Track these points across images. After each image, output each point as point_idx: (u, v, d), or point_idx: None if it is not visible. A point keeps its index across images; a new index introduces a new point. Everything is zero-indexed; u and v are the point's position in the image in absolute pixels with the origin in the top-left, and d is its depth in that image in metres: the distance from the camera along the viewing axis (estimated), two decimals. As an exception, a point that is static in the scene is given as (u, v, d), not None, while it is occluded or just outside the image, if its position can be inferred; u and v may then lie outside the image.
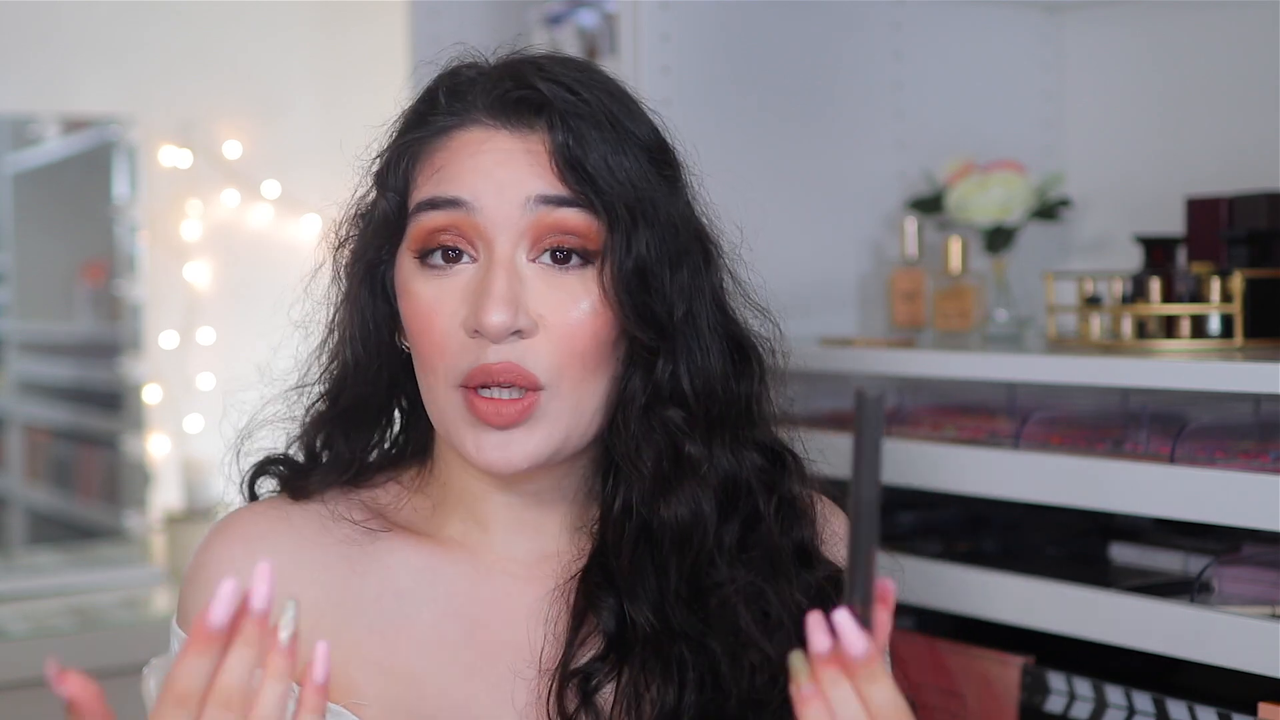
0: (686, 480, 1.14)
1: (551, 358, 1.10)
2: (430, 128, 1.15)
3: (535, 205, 1.10)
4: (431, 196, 1.12)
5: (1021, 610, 1.54)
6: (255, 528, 1.18)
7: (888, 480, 1.69)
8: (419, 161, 1.14)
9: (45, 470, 3.31)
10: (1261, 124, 1.91)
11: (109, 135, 3.11)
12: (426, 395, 1.14)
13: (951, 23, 2.12)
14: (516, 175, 1.10)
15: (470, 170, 1.11)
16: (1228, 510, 1.37)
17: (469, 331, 1.09)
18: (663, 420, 1.14)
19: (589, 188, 1.10)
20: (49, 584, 2.94)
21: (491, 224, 1.10)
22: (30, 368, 3.26)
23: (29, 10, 3.02)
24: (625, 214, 1.11)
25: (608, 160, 1.11)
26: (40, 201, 3.22)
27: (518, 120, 1.12)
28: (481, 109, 1.13)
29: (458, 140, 1.13)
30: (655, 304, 1.12)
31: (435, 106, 1.15)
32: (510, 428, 1.10)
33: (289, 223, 3.20)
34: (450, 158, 1.12)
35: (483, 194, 1.10)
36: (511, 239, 1.10)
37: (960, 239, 1.91)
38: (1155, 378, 1.46)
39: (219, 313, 3.18)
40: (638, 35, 1.89)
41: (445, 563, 1.18)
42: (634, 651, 1.13)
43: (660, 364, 1.13)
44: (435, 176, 1.12)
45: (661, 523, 1.14)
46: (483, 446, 1.10)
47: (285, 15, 3.24)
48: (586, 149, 1.10)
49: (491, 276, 1.09)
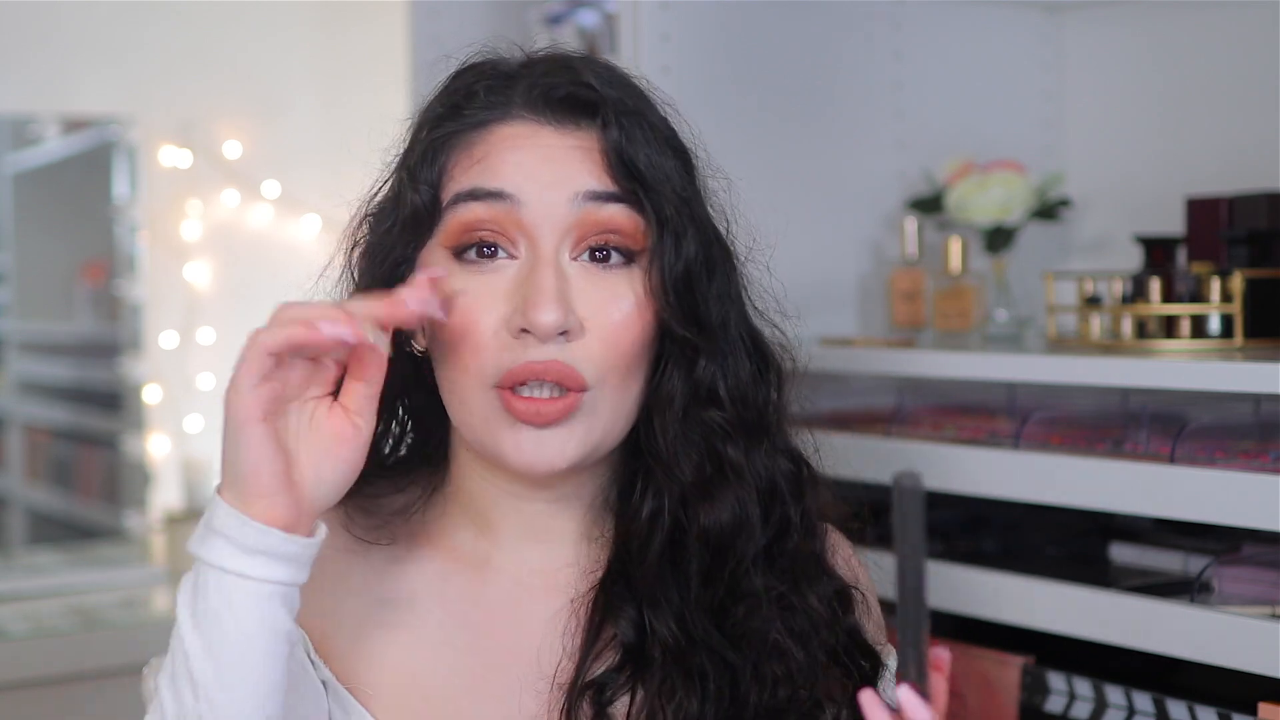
0: (729, 485, 1.13)
1: (597, 359, 1.08)
2: (466, 120, 1.11)
3: (583, 201, 1.08)
4: (472, 187, 1.09)
5: (1021, 610, 1.54)
6: None
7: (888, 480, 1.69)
8: (455, 153, 1.11)
9: (45, 470, 3.31)
10: (1261, 124, 1.91)
11: (109, 135, 3.11)
12: (455, 397, 1.11)
13: (951, 23, 2.12)
14: (564, 172, 1.08)
15: (514, 164, 1.09)
16: (1228, 510, 1.37)
17: (513, 331, 1.07)
18: (703, 422, 1.13)
19: (639, 186, 1.09)
20: (49, 584, 2.94)
21: (536, 219, 1.08)
22: (30, 368, 3.26)
23: (29, 10, 3.02)
24: (674, 215, 1.10)
25: (655, 160, 1.10)
26: (40, 201, 3.22)
27: (564, 116, 1.10)
28: (521, 103, 1.11)
29: (498, 134, 1.10)
30: (699, 306, 1.11)
31: (473, 99, 1.12)
32: (548, 427, 1.08)
33: (289, 223, 3.20)
34: (491, 149, 1.09)
35: (527, 188, 1.08)
36: (556, 236, 1.08)
37: (960, 239, 1.91)
38: (1155, 378, 1.46)
39: (219, 313, 3.17)
40: (638, 35, 1.89)
41: (455, 570, 1.17)
42: (653, 663, 1.11)
43: (702, 364, 1.12)
44: (476, 168, 1.09)
45: (702, 529, 1.12)
46: (521, 446, 1.08)
47: (285, 15, 3.24)
48: (636, 147, 1.09)
49: (540, 274, 1.07)
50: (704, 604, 1.13)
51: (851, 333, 2.03)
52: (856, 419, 1.80)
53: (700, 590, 1.13)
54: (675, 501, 1.13)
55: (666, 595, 1.13)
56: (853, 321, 2.06)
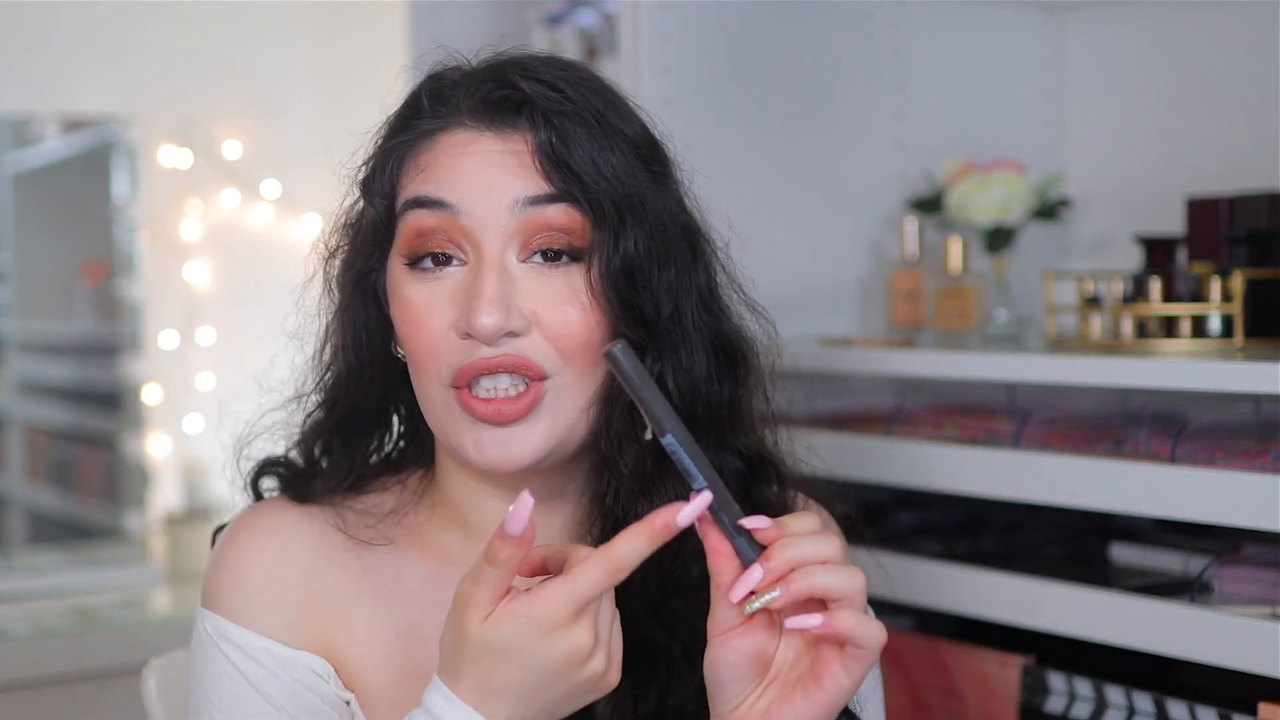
0: (668, 480, 1.12)
1: (550, 352, 1.09)
2: (414, 131, 1.14)
3: (522, 207, 1.09)
4: (417, 195, 1.11)
5: (1021, 610, 1.54)
6: (280, 521, 1.18)
7: (887, 480, 1.69)
8: (404, 164, 1.14)
9: (45, 470, 3.31)
10: (1261, 124, 1.91)
11: (109, 135, 3.10)
12: (422, 400, 1.13)
13: (951, 23, 2.12)
14: (502, 177, 1.10)
15: (455, 172, 1.10)
16: (1228, 510, 1.37)
17: (460, 334, 1.09)
18: None
19: (575, 185, 1.09)
20: (49, 584, 2.93)
21: (479, 226, 1.09)
22: (30, 368, 3.26)
23: (29, 10, 3.02)
24: (612, 210, 1.10)
25: (593, 157, 1.10)
26: (40, 201, 3.22)
27: (501, 121, 1.11)
28: (465, 111, 1.12)
29: (443, 143, 1.12)
30: (643, 302, 1.11)
31: (419, 110, 1.15)
32: (510, 424, 1.09)
33: (289, 223, 3.20)
34: (435, 159, 1.12)
35: (468, 197, 1.09)
36: (500, 240, 1.09)
37: (960, 239, 1.91)
38: (1155, 378, 1.46)
39: (219, 313, 3.17)
40: (638, 35, 1.89)
41: (447, 574, 1.17)
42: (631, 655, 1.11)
43: (648, 361, 1.12)
44: (420, 176, 1.12)
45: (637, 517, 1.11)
46: (482, 445, 1.09)
47: (285, 15, 3.24)
48: (570, 146, 1.09)
49: (481, 278, 1.08)
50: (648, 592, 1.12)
51: (851, 333, 2.03)
52: (856, 419, 1.80)
53: (645, 580, 1.11)
54: (617, 495, 1.13)
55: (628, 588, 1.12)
56: (853, 321, 2.06)
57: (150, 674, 1.41)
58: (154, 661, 1.42)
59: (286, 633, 1.14)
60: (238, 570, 1.16)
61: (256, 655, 1.13)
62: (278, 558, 1.16)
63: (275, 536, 1.17)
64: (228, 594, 1.15)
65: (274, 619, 1.14)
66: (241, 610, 1.14)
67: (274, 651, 1.13)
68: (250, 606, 1.14)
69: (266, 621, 1.14)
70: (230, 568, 1.16)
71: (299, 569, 1.16)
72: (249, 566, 1.15)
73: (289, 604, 1.15)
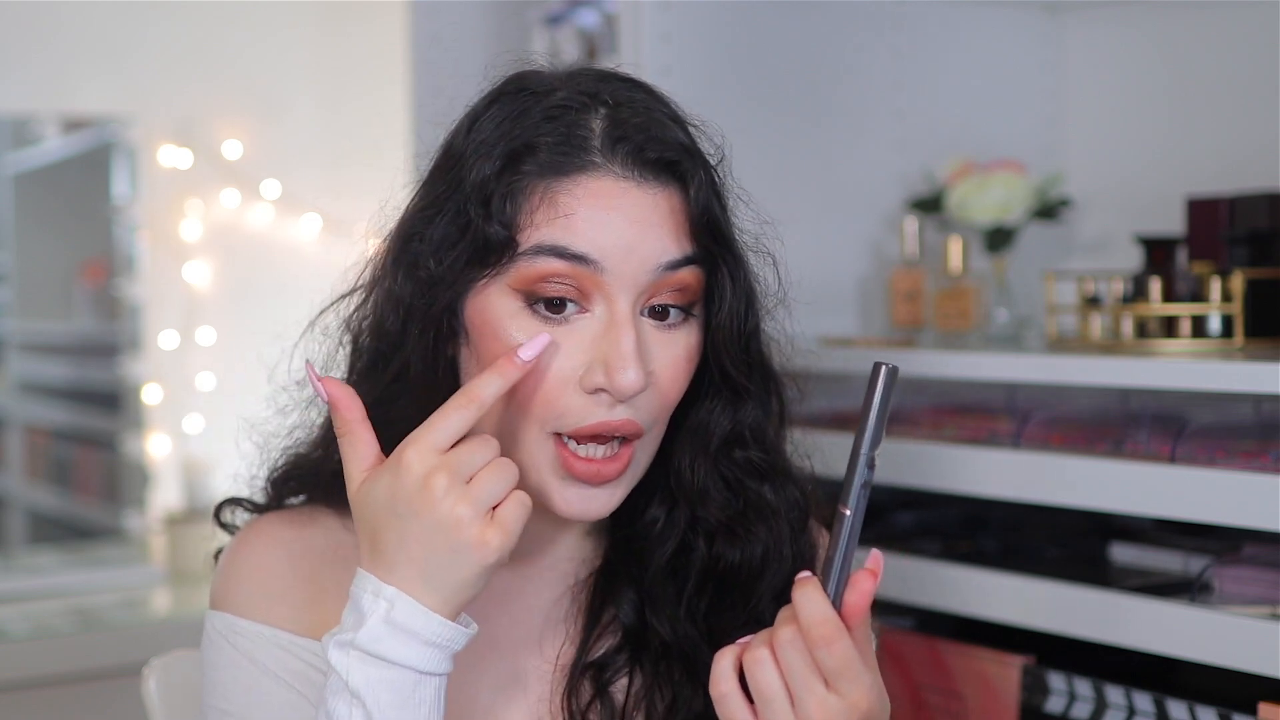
0: (762, 522, 1.15)
1: (656, 410, 1.09)
2: (547, 166, 1.07)
3: (662, 270, 1.07)
4: (555, 244, 1.05)
5: (1021, 610, 1.54)
6: (285, 530, 1.18)
7: (887, 480, 1.69)
8: (535, 197, 1.06)
9: (45, 470, 3.31)
10: (1261, 124, 1.91)
11: (109, 135, 3.11)
12: (504, 433, 1.09)
13: (951, 22, 2.12)
14: (649, 237, 1.06)
15: (600, 226, 1.05)
16: (1228, 510, 1.37)
17: (588, 388, 1.06)
18: (737, 461, 1.15)
19: (719, 248, 1.09)
20: (49, 584, 2.93)
21: (616, 282, 1.06)
22: (30, 368, 3.26)
23: (29, 10, 3.02)
24: (744, 273, 1.12)
25: (724, 212, 1.11)
26: (40, 201, 3.22)
27: (650, 175, 1.07)
28: (607, 155, 1.07)
29: (584, 188, 1.06)
30: (754, 354, 1.14)
31: (553, 139, 1.07)
32: (603, 485, 1.09)
33: (289, 223, 3.20)
34: (577, 205, 1.06)
35: (612, 254, 1.05)
36: (633, 297, 1.07)
37: (960, 239, 1.91)
38: (1155, 378, 1.46)
39: (219, 313, 3.18)
40: (638, 35, 1.89)
41: None
42: (650, 649, 1.13)
43: (749, 407, 1.14)
44: (560, 223, 1.05)
45: (729, 564, 1.15)
46: (570, 501, 1.09)
47: (285, 15, 3.24)
48: (716, 205, 1.09)
49: (622, 335, 1.05)
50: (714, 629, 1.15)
51: (851, 333, 2.03)
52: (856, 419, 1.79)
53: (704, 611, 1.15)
54: (691, 529, 1.15)
55: (666, 596, 1.15)
56: (853, 321, 2.06)
57: (150, 674, 1.41)
58: (154, 661, 1.42)
59: (294, 624, 1.14)
60: (242, 573, 1.16)
61: (265, 642, 1.13)
62: (282, 560, 1.16)
63: (280, 543, 1.17)
64: (234, 593, 1.15)
65: (280, 612, 1.14)
66: (248, 606, 1.14)
67: (281, 639, 1.13)
68: (256, 602, 1.14)
69: (273, 614, 1.14)
70: (235, 572, 1.16)
71: (304, 569, 1.16)
72: (253, 568, 1.16)
73: (294, 599, 1.15)
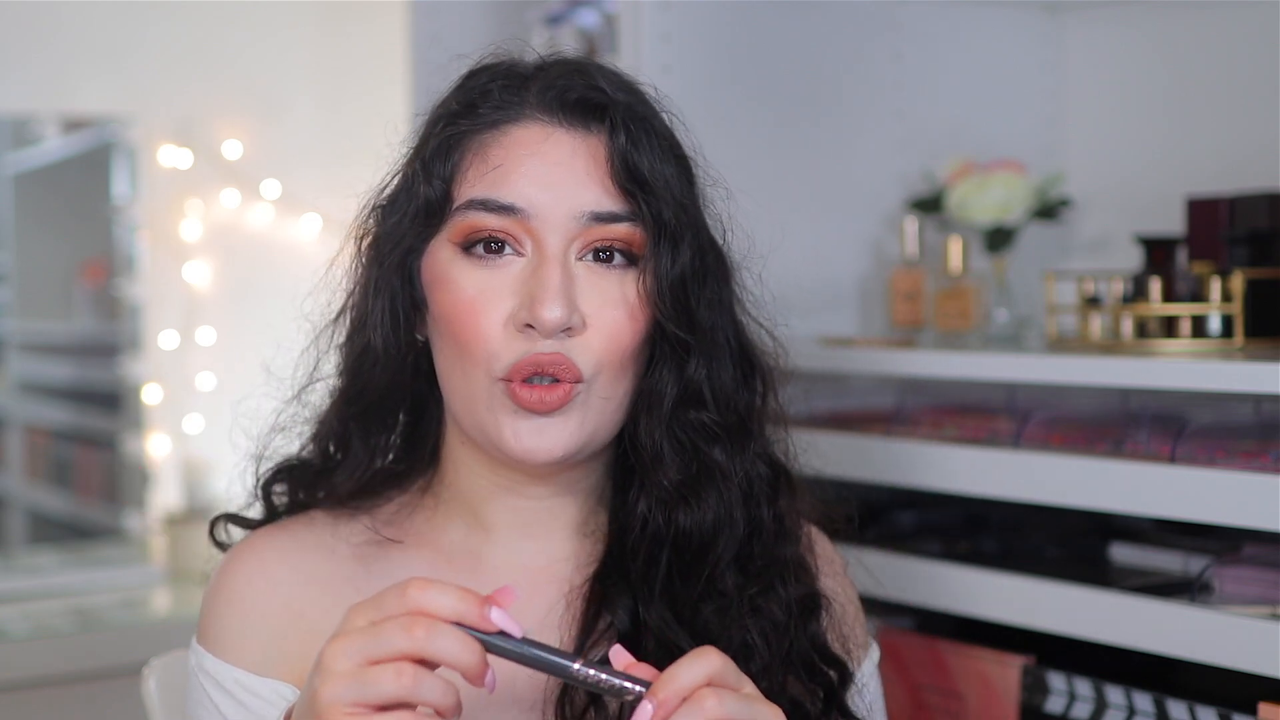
0: (714, 485, 1.15)
1: (597, 353, 1.10)
2: (481, 119, 1.13)
3: (589, 220, 1.10)
4: (485, 197, 1.11)
5: (1021, 610, 1.54)
6: (269, 551, 1.19)
7: (887, 480, 1.69)
8: (468, 153, 1.12)
9: (45, 470, 3.31)
10: (1261, 124, 1.91)
11: (109, 135, 3.11)
12: (459, 385, 1.13)
13: (952, 23, 2.12)
14: (572, 181, 1.10)
15: (526, 175, 1.10)
16: (1228, 510, 1.37)
17: (518, 325, 1.09)
18: (689, 423, 1.15)
19: (643, 197, 1.11)
20: (49, 584, 2.94)
21: (544, 227, 1.10)
22: (30, 368, 3.26)
23: (29, 10, 3.02)
24: (673, 221, 1.12)
25: (660, 168, 1.12)
26: (40, 201, 3.22)
27: (575, 119, 1.12)
28: (536, 105, 1.12)
29: (512, 136, 1.12)
30: (693, 309, 1.13)
31: (487, 97, 1.13)
32: (548, 414, 1.10)
33: (289, 222, 3.20)
34: (505, 155, 1.11)
35: (536, 201, 1.10)
36: (564, 240, 1.10)
37: (960, 239, 1.90)
38: (1155, 378, 1.46)
39: (219, 313, 3.18)
40: (638, 35, 1.89)
41: (449, 568, 1.18)
42: (646, 654, 1.12)
43: (693, 365, 1.14)
44: (490, 175, 1.11)
45: (681, 530, 1.14)
46: (520, 433, 1.10)
47: (285, 15, 3.24)
48: (641, 154, 1.11)
49: (547, 272, 1.09)
50: (678, 600, 1.14)
51: (851, 333, 2.03)
52: (856, 419, 1.80)
53: (672, 586, 1.14)
54: (656, 501, 1.15)
55: (653, 589, 1.15)
56: (853, 321, 2.06)
57: (150, 674, 1.41)
58: (154, 661, 1.42)
59: (258, 663, 1.16)
60: (218, 607, 1.18)
61: (228, 686, 1.15)
62: (261, 590, 1.17)
63: (262, 567, 1.18)
64: (209, 628, 1.18)
65: (249, 649, 1.16)
66: (218, 644, 1.17)
67: (244, 682, 1.15)
68: (227, 640, 1.17)
69: (242, 653, 1.16)
70: (212, 606, 1.19)
71: (281, 594, 1.17)
72: (228, 602, 1.17)
73: (266, 633, 1.16)
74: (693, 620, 1.14)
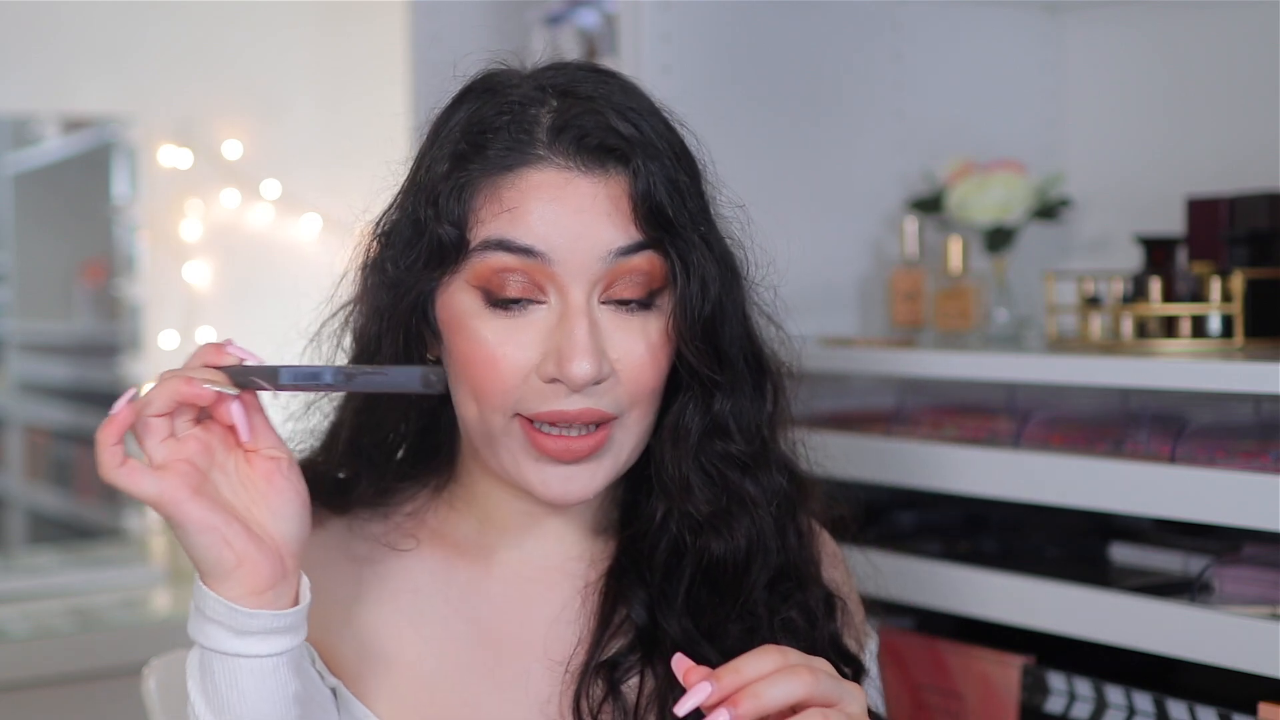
0: (746, 514, 1.15)
1: (621, 397, 1.09)
2: (493, 161, 1.08)
3: (614, 257, 1.07)
4: (502, 238, 1.07)
5: (1021, 610, 1.54)
6: None
7: (887, 480, 1.69)
8: (482, 195, 1.08)
9: (45, 470, 3.31)
10: (1261, 124, 1.91)
11: (109, 135, 3.11)
12: (474, 421, 1.11)
13: (952, 23, 2.11)
14: (595, 226, 1.07)
15: (545, 219, 1.07)
16: (1228, 510, 1.37)
17: (544, 377, 1.07)
18: (718, 453, 1.15)
19: (667, 234, 1.08)
20: (49, 584, 2.94)
21: (567, 273, 1.07)
22: (30, 368, 3.26)
23: (29, 10, 3.02)
24: (699, 259, 1.10)
25: (684, 203, 1.09)
26: (40, 201, 3.22)
27: (594, 164, 1.08)
28: (550, 146, 1.08)
29: (528, 180, 1.07)
30: (722, 345, 1.12)
31: (498, 136, 1.09)
32: (576, 463, 1.09)
33: (289, 222, 3.20)
34: (521, 199, 1.07)
35: (559, 245, 1.07)
36: (587, 287, 1.08)
37: (960, 239, 1.90)
38: (1155, 378, 1.46)
39: (219, 313, 3.17)
40: (638, 35, 1.89)
41: (461, 565, 1.19)
42: (662, 648, 1.13)
43: (719, 399, 1.13)
44: (506, 216, 1.07)
45: (715, 558, 1.14)
46: (549, 482, 1.10)
47: (285, 15, 3.24)
48: (663, 192, 1.08)
49: (574, 324, 1.07)
50: (702, 614, 1.14)
51: (851, 333, 2.03)
52: (856, 419, 1.80)
53: (697, 599, 1.14)
54: (683, 526, 1.14)
55: (670, 595, 1.15)
56: (853, 321, 2.06)
57: (150, 674, 1.41)
58: (154, 661, 1.42)
59: None
60: None
61: None
62: None
63: None
64: None
65: None
66: None
67: None
68: None
69: None
70: None
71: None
72: None
73: None
74: (722, 637, 1.14)
